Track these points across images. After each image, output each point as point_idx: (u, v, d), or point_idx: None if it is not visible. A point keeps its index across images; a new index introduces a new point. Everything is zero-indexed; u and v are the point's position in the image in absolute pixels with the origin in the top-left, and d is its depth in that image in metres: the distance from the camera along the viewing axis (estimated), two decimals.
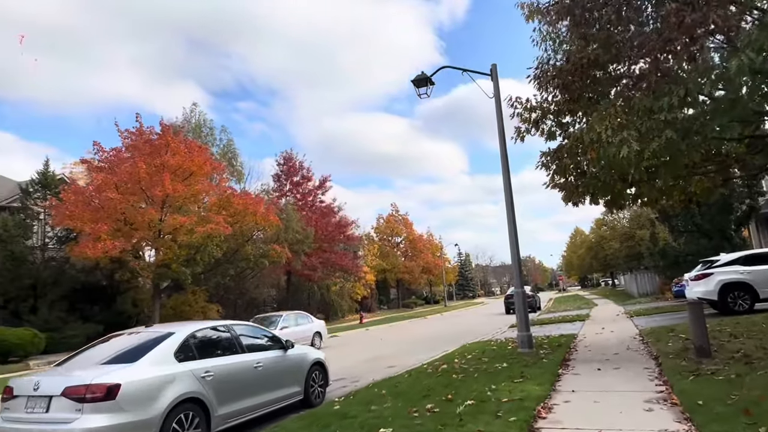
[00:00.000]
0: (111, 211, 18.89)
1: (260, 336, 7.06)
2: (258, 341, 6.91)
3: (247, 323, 7.17)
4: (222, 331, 6.35)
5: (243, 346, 6.39)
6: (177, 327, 5.96)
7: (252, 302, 31.89)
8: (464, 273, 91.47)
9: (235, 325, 6.65)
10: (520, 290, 11.01)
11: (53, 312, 20.58)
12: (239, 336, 6.48)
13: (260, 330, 7.19)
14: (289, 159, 32.31)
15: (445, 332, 21.67)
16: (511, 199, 11.46)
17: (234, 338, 6.35)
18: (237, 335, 6.44)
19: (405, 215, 51.98)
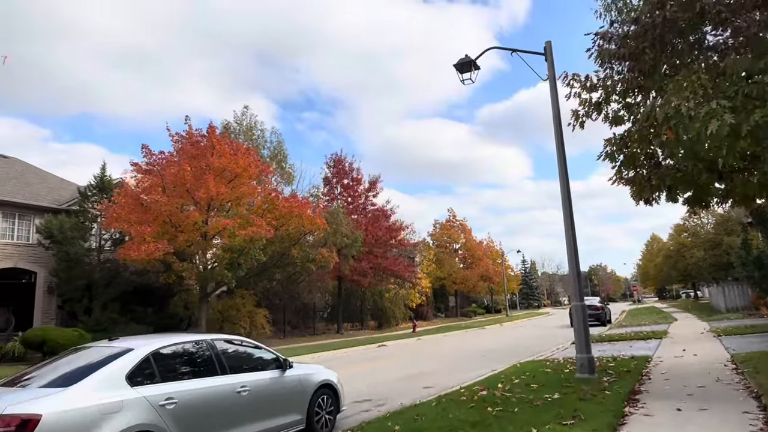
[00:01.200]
0: (156, 213, 18.85)
1: (250, 353, 5.99)
2: (247, 360, 5.85)
3: (237, 338, 6.12)
4: (198, 347, 5.32)
5: (225, 365, 5.34)
6: (141, 342, 5.00)
7: (303, 308, 31.42)
8: (528, 281, 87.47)
9: (218, 340, 5.61)
10: (579, 304, 9.30)
11: (105, 313, 20.88)
12: (222, 353, 5.44)
13: (251, 346, 6.11)
14: (339, 161, 31.64)
15: (500, 346, 19.90)
16: (568, 193, 9.79)
17: (214, 356, 5.31)
18: (219, 352, 5.40)
19: (463, 221, 50.08)
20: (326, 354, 19.46)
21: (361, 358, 17.85)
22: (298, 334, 29.10)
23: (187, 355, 5.17)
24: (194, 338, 5.40)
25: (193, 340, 5.36)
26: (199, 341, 5.37)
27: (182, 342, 5.21)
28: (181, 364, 5.05)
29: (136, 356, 4.61)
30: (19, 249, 21.19)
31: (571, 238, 9.60)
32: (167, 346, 5.00)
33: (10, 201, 20.86)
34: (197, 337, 5.46)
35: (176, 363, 5.00)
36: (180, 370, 4.96)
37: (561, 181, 9.99)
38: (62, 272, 20.73)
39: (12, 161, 25.07)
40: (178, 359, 5.04)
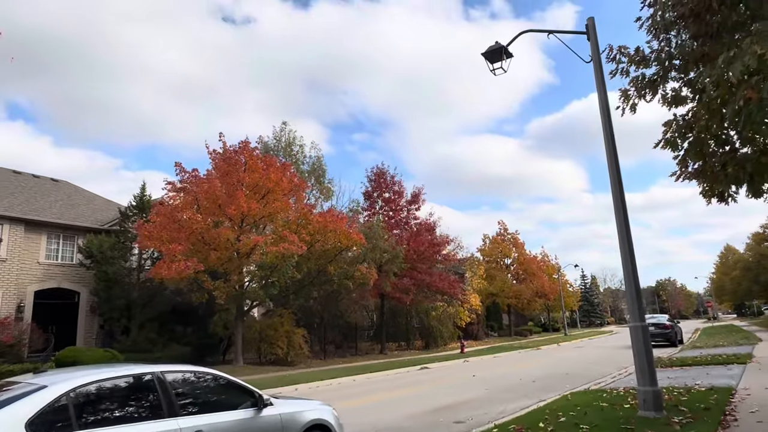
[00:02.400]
0: (189, 230, 18.52)
1: (214, 388, 4.92)
2: (208, 397, 4.79)
3: (199, 369, 5.06)
4: (140, 382, 4.30)
5: (176, 405, 4.29)
6: (64, 377, 4.03)
7: (346, 327, 30.41)
8: (589, 298, 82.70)
9: (170, 372, 4.57)
10: (639, 324, 7.65)
11: (143, 333, 20.72)
12: (173, 390, 4.40)
13: (217, 379, 5.02)
14: (381, 174, 30.69)
15: (554, 369, 17.96)
16: (621, 194, 8.22)
17: (161, 394, 4.27)
18: (168, 389, 4.35)
19: (515, 234, 47.62)
20: (361, 377, 18.26)
21: (397, 382, 16.51)
22: (340, 354, 28.07)
23: (121, 393, 4.16)
24: (136, 371, 4.38)
25: (134, 374, 4.33)
26: (141, 375, 4.35)
27: (117, 377, 4.19)
28: (113, 405, 4.04)
29: (46, 397, 3.64)
30: (63, 269, 21.53)
31: (627, 247, 8.01)
32: (93, 382, 4.00)
33: (54, 222, 21.29)
34: (141, 369, 4.44)
35: (105, 404, 4.00)
36: (109, 414, 3.95)
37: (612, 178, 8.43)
38: (102, 292, 20.82)
39: (61, 184, 25.87)
40: (107, 399, 4.04)
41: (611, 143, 8.38)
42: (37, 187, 23.85)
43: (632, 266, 7.97)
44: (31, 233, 20.62)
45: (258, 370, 20.36)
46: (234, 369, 20.26)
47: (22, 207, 20.87)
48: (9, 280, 19.56)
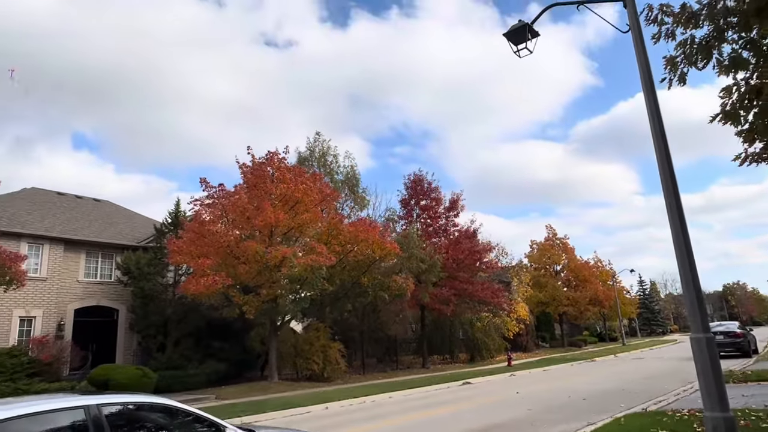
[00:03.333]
0: (216, 245, 18.23)
1: (165, 424, 4.12)
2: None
3: (149, 399, 4.27)
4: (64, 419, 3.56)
5: None
6: None
7: (386, 340, 29.47)
8: (649, 305, 77.92)
9: (109, 405, 3.81)
10: (703, 336, 6.34)
11: (178, 349, 20.56)
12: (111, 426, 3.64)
13: (171, 410, 4.22)
14: (418, 181, 29.71)
15: (608, 384, 16.32)
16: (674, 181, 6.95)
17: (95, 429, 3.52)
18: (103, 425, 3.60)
19: (564, 239, 45.23)
20: (398, 394, 17.25)
21: (435, 400, 15.39)
22: (380, 369, 27.12)
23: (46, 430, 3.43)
24: (66, 403, 3.64)
25: (62, 407, 3.60)
26: (71, 408, 3.61)
27: (35, 412, 3.47)
28: None
29: None
30: (101, 287, 21.80)
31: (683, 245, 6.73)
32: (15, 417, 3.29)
33: (93, 241, 21.63)
34: (73, 401, 3.70)
35: None
36: None
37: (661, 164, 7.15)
38: (138, 308, 20.87)
39: (103, 204, 26.48)
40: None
41: (658, 123, 7.13)
42: (79, 207, 24.45)
43: (690, 268, 6.68)
44: (71, 252, 20.99)
45: (292, 387, 19.73)
46: (269, 386, 19.73)
47: (62, 227, 21.33)
48: (49, 299, 19.91)
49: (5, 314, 18.70)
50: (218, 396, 17.73)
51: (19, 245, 19.42)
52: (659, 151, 7.14)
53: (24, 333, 19.11)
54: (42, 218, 21.32)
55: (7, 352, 16.93)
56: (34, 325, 19.38)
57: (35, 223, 20.65)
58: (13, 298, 18.92)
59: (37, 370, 17.32)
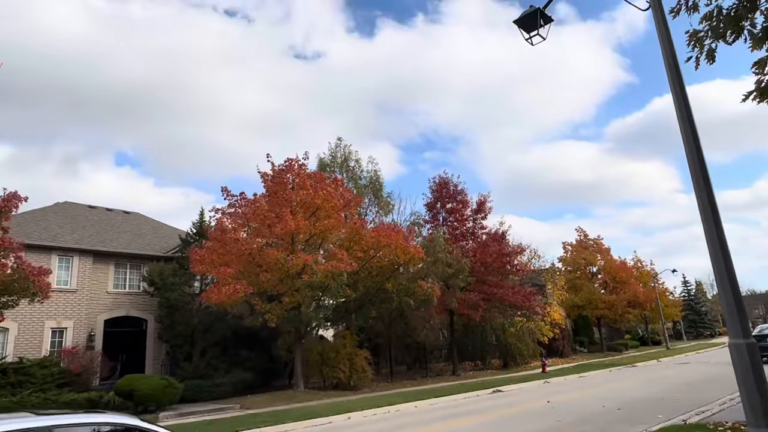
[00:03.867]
0: (238, 253, 18.18)
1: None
2: None
3: (103, 417, 3.94)
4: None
5: None
6: None
7: (415, 347, 28.89)
8: (694, 306, 74.33)
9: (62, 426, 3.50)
10: (743, 342, 5.63)
11: (204, 359, 20.59)
12: None
13: (126, 427, 3.88)
14: (444, 184, 29.10)
15: (647, 392, 15.31)
16: (704, 172, 6.27)
17: None
18: None
19: (598, 239, 43.55)
20: (424, 403, 16.70)
21: (461, 409, 14.77)
22: (409, 377, 26.54)
23: None
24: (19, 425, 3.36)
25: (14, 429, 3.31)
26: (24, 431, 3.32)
27: None
28: None
29: None
30: (130, 297, 22.12)
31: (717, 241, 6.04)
32: None
33: (121, 252, 22.00)
34: (28, 422, 3.41)
35: None
36: None
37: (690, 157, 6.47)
38: (165, 318, 21.04)
39: (132, 216, 27.01)
40: None
41: (684, 107, 6.47)
42: (108, 219, 24.98)
43: (726, 266, 5.98)
44: (100, 263, 21.39)
45: (318, 396, 19.43)
46: (294, 395, 19.49)
47: (90, 239, 21.78)
48: (80, 310, 20.29)
49: (37, 326, 19.14)
50: (242, 405, 17.59)
51: (49, 258, 19.90)
52: (686, 138, 6.48)
53: (56, 344, 19.52)
54: (72, 231, 21.83)
55: (38, 363, 17.27)
56: (66, 336, 19.77)
57: (66, 235, 21.15)
58: (44, 310, 19.36)
59: (67, 380, 17.61)
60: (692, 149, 6.43)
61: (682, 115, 6.56)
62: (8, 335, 18.55)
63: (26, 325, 18.88)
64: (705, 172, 6.28)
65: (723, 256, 5.97)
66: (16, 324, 18.69)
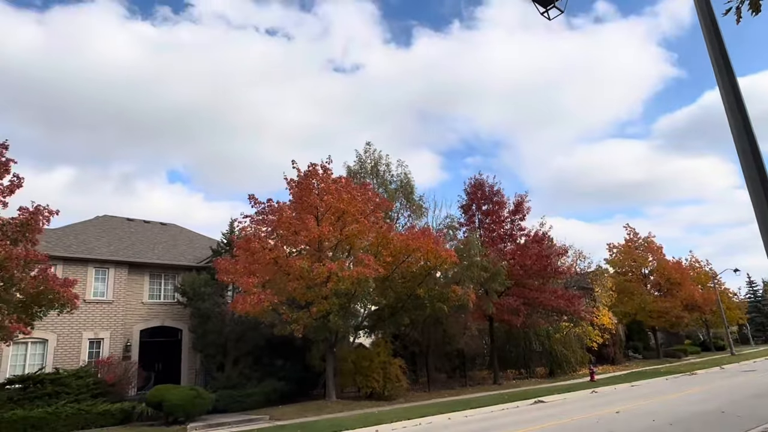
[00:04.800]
0: (263, 262, 17.90)
1: None
2: None
3: None
4: None
5: None
6: None
7: (453, 355, 27.83)
8: (762, 308, 69.10)
9: None
10: None
11: (237, 368, 20.42)
12: None
13: None
14: (479, 185, 28.03)
15: (706, 404, 13.83)
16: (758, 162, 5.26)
17: None
18: None
19: (649, 237, 40.98)
20: (459, 414, 15.82)
21: (496, 422, 13.79)
22: (448, 386, 25.52)
23: None
24: None
25: None
26: None
27: None
28: None
29: None
30: (165, 308, 22.32)
31: None
32: None
33: (155, 263, 22.28)
34: None
35: None
36: None
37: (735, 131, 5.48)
38: (198, 328, 21.05)
39: (169, 227, 27.46)
40: None
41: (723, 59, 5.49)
42: (145, 231, 25.46)
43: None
44: (135, 275, 21.71)
45: (349, 406, 18.83)
46: (325, 405, 18.98)
47: (126, 251, 22.17)
48: (116, 321, 20.60)
49: (75, 337, 19.54)
50: (272, 417, 17.21)
51: (86, 270, 20.33)
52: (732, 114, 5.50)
53: (93, 354, 19.85)
54: (109, 243, 22.30)
55: (74, 373, 17.53)
56: (102, 346, 20.08)
57: (102, 248, 21.61)
58: (82, 321, 19.76)
59: (102, 390, 17.79)
60: (739, 125, 5.45)
61: (725, 84, 5.60)
62: (47, 346, 18.99)
63: (64, 336, 19.29)
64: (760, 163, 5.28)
65: None
66: (55, 335, 19.13)
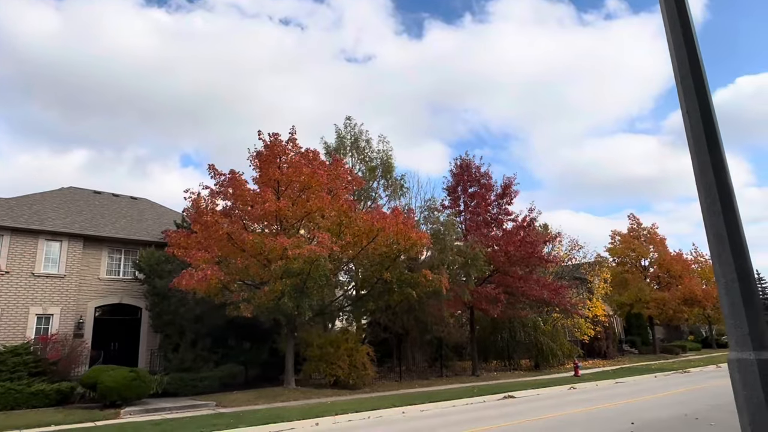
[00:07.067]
0: (215, 236, 16.64)
1: None
2: None
3: None
4: None
5: None
6: None
7: (434, 344, 26.57)
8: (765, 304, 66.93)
9: None
10: (750, 356, 3.15)
11: (194, 350, 19.31)
12: None
13: None
14: (466, 166, 26.44)
15: (686, 407, 12.41)
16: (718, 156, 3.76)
17: None
18: None
19: (652, 228, 39.10)
20: (416, 408, 14.64)
21: (451, 419, 12.48)
22: (424, 376, 24.30)
23: None
24: None
25: None
26: None
27: None
28: None
29: None
30: (124, 284, 21.22)
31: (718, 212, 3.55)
32: None
33: (114, 237, 21.12)
34: None
35: None
36: None
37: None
38: (155, 306, 19.94)
39: (139, 201, 26.30)
40: None
41: None
42: (111, 204, 24.30)
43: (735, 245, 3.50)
44: (91, 249, 20.59)
45: (307, 394, 17.67)
46: (282, 392, 17.84)
47: (83, 223, 21.03)
48: (68, 297, 19.54)
49: (21, 312, 18.50)
50: (220, 403, 16.09)
51: (36, 242, 19.24)
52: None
53: (41, 331, 18.81)
54: (66, 215, 21.16)
55: (11, 350, 16.52)
56: (52, 323, 19.04)
57: (57, 219, 20.48)
58: (29, 295, 18.72)
59: (43, 369, 16.78)
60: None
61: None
62: None
63: (9, 311, 18.25)
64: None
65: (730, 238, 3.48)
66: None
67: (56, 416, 13.80)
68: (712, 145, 3.51)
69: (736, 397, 3.15)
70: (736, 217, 3.36)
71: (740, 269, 3.23)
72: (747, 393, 3.06)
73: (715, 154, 3.48)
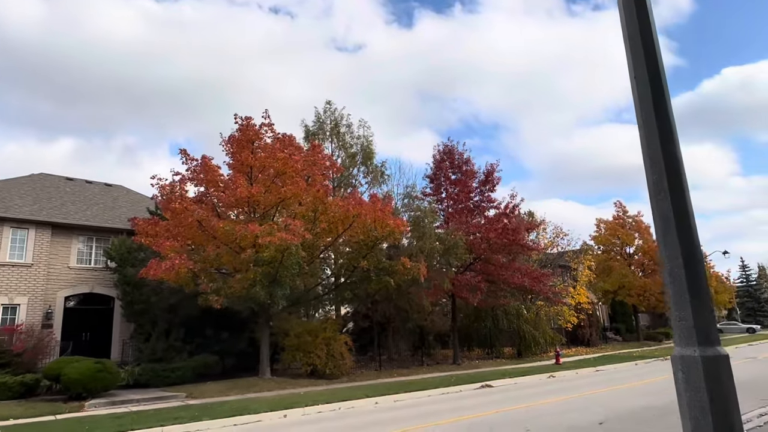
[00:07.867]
0: (186, 225, 16.11)
1: None
2: None
3: None
4: None
5: None
6: None
7: (417, 333, 26.33)
8: (753, 293, 67.57)
9: None
10: (695, 353, 2.77)
11: (166, 341, 18.84)
12: None
13: None
14: (449, 153, 26.02)
15: (662, 396, 12.18)
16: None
17: None
18: None
19: (638, 216, 39.06)
20: (390, 398, 14.37)
21: (423, 409, 12.19)
22: (404, 365, 24.05)
23: None
24: None
25: None
26: None
27: None
28: None
29: None
30: (95, 274, 20.65)
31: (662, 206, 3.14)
32: None
33: (84, 225, 20.50)
34: None
35: None
36: None
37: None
38: (126, 296, 19.41)
39: (114, 188, 25.62)
40: None
41: None
42: (83, 191, 23.61)
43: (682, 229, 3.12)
44: (60, 237, 19.96)
45: (281, 385, 17.33)
46: (256, 383, 17.48)
47: (51, 211, 20.37)
48: (36, 286, 18.96)
49: None
50: (191, 394, 15.70)
51: (2, 230, 18.59)
52: None
53: (8, 321, 18.24)
54: (33, 202, 20.48)
55: None
56: (18, 313, 18.47)
57: (23, 206, 19.80)
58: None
59: (6, 360, 16.23)
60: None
61: None
62: None
63: None
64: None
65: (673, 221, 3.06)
66: None
67: (16, 409, 13.31)
68: (661, 114, 3.11)
69: (679, 400, 2.78)
70: (684, 195, 2.97)
71: (687, 254, 2.84)
72: (690, 395, 2.68)
73: (664, 124, 3.08)
